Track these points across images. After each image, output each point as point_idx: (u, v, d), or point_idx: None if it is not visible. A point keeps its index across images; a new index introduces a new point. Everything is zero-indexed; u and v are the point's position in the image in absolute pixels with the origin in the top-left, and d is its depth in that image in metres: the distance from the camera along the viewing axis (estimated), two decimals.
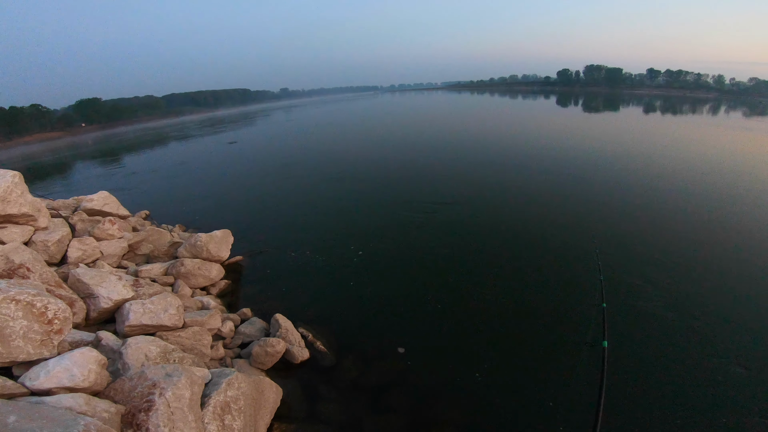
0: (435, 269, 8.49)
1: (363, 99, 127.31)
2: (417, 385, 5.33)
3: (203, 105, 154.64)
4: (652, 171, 15.83)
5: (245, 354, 5.83)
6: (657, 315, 6.40)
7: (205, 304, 6.83)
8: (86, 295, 5.18)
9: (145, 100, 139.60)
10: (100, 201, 9.29)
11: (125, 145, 44.77)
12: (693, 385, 4.98)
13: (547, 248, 9.06)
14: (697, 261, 8.17)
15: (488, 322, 6.55)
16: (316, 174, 18.07)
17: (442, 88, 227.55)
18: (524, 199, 12.70)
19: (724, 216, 10.68)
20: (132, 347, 4.02)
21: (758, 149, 21.84)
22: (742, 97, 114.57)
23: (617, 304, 6.61)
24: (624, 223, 10.29)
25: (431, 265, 8.69)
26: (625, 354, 5.51)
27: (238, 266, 9.16)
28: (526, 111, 52.35)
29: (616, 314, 6.32)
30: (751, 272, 7.66)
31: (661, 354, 5.55)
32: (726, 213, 10.95)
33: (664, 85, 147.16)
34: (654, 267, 7.91)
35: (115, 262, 7.74)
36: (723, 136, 27.66)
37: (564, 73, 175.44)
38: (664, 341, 5.80)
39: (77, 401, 2.95)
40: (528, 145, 22.78)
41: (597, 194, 12.94)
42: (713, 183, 13.96)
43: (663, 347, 5.68)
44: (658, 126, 34.53)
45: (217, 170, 21.30)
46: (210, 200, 15.02)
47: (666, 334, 5.94)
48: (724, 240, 9.18)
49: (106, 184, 20.10)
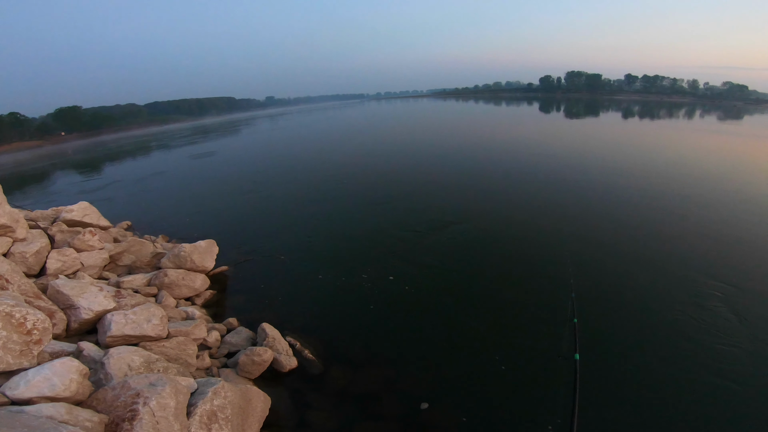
0: (421, 275, 8.56)
1: (349, 107, 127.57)
2: (406, 392, 5.33)
3: (187, 113, 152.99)
4: (630, 182, 16.10)
5: (232, 363, 5.77)
6: (627, 328, 6.44)
7: (189, 315, 6.74)
8: (66, 306, 5.08)
9: (126, 108, 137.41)
10: (79, 212, 9.12)
11: (106, 154, 43.93)
12: (665, 396, 5.05)
13: (521, 261, 9.04)
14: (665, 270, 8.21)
15: (473, 331, 6.60)
16: (301, 182, 18.04)
17: (427, 96, 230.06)
18: (506, 209, 12.71)
19: (698, 222, 10.88)
20: (114, 357, 3.95)
21: (736, 154, 22.68)
22: (716, 101, 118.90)
23: (588, 319, 6.56)
24: (596, 237, 10.16)
25: (418, 271, 8.75)
26: (595, 366, 5.50)
27: (223, 276, 9.06)
28: (509, 118, 53.23)
29: (586, 329, 6.27)
30: (725, 279, 7.73)
31: (630, 364, 5.59)
32: (699, 218, 11.19)
33: (641, 91, 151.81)
34: (625, 279, 7.93)
35: (96, 273, 7.58)
36: (701, 140, 28.66)
37: (546, 79, 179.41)
38: (634, 352, 5.84)
39: (58, 410, 2.90)
40: (505, 154, 22.96)
41: (574, 206, 12.80)
42: (689, 191, 14.36)
43: (633, 358, 5.71)
44: (635, 132, 35.50)
45: (200, 180, 21.04)
46: (194, 210, 14.80)
47: (636, 344, 6.00)
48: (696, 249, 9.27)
49: (87, 194, 19.68)
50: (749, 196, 13.19)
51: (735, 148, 24.90)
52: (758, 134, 33.88)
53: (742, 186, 14.59)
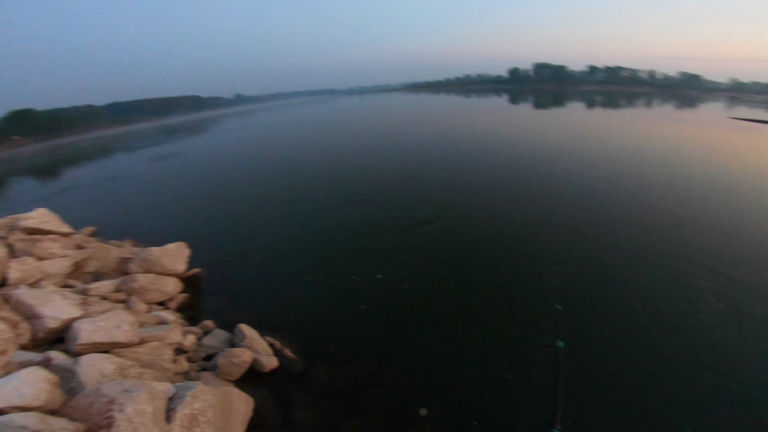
0: (400, 270, 8.64)
1: (320, 102, 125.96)
2: (389, 385, 5.40)
3: (152, 113, 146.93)
4: (604, 172, 16.83)
5: (210, 366, 5.68)
6: (609, 314, 6.63)
7: (163, 319, 6.56)
8: (30, 316, 4.86)
9: (85, 110, 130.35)
10: (38, 219, 8.68)
11: (65, 157, 41.64)
12: (644, 385, 5.14)
13: (505, 253, 9.22)
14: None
15: (453, 321, 6.75)
16: (273, 182, 17.70)
17: (399, 89, 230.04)
18: (486, 201, 12.92)
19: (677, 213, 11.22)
20: (85, 365, 3.82)
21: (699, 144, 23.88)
22: (673, 91, 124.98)
23: (572, 305, 6.85)
24: (574, 224, 10.59)
25: (397, 265, 8.84)
26: (580, 352, 5.70)
27: (196, 278, 8.85)
28: (480, 111, 53.99)
29: (570, 315, 6.56)
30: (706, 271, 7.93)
31: (612, 352, 5.74)
32: (671, 206, 11.73)
33: (603, 81, 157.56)
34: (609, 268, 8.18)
35: (60, 282, 7.25)
36: (666, 129, 30.03)
37: (514, 71, 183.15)
38: (616, 340, 6.00)
39: (30, 420, 2.83)
40: (479, 147, 23.33)
41: (552, 196, 13.30)
42: (647, 178, 15.11)
43: (615, 346, 5.86)
44: (603, 123, 36.78)
45: (167, 182, 20.27)
46: (162, 213, 14.34)
47: (618, 333, 6.15)
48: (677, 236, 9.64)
49: (45, 200, 18.64)
50: (719, 183, 13.92)
51: (696, 137, 26.25)
52: (713, 122, 35.90)
53: (710, 173, 15.42)
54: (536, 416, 4.74)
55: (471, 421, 4.75)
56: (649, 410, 4.77)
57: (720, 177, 14.62)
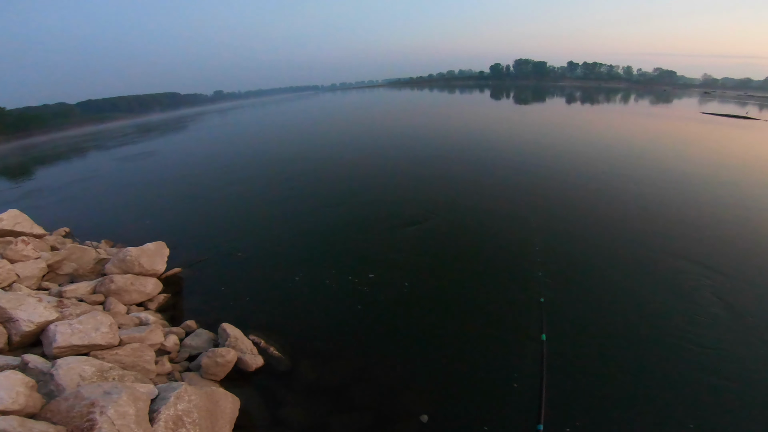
0: (387, 265, 8.65)
1: (303, 99, 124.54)
2: (377, 381, 5.41)
3: (126, 111, 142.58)
4: (587, 167, 17.24)
5: (194, 367, 5.60)
6: (593, 309, 6.72)
7: (143, 320, 6.41)
8: (5, 320, 4.70)
9: (56, 108, 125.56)
10: (9, 220, 8.39)
11: (36, 157, 39.99)
12: (628, 381, 5.19)
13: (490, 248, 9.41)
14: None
15: (439, 316, 6.81)
16: (255, 181, 17.38)
17: (383, 86, 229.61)
18: (471, 198, 13.12)
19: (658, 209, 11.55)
20: (63, 368, 3.72)
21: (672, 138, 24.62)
22: (648, 86, 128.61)
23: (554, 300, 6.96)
24: (561, 219, 10.82)
25: (382, 259, 8.86)
26: (562, 346, 5.74)
27: (177, 278, 8.67)
28: (463, 107, 54.43)
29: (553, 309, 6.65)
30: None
31: (597, 346, 5.79)
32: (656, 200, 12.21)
33: (582, 77, 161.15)
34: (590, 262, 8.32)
35: (34, 284, 7.00)
36: (643, 124, 30.83)
37: (496, 67, 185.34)
38: (599, 334, 6.06)
39: (10, 423, 2.77)
40: (464, 143, 23.68)
41: (537, 186, 13.82)
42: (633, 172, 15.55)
43: (598, 340, 5.92)
44: (583, 118, 37.63)
45: (144, 181, 19.67)
46: (139, 213, 13.89)
47: (603, 328, 6.22)
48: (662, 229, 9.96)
49: (17, 201, 17.91)
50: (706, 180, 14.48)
51: (670, 131, 27.09)
52: (687, 117, 37.15)
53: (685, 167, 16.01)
54: (525, 414, 4.74)
55: (460, 418, 4.81)
56: (639, 406, 4.84)
57: (695, 171, 15.19)
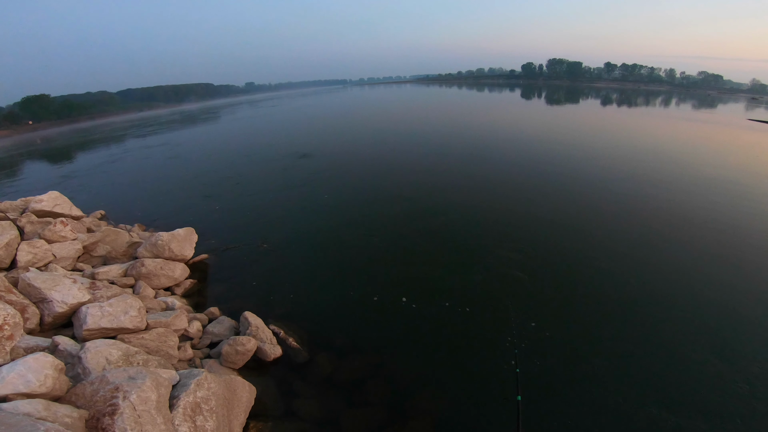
0: (405, 263, 8.60)
1: (332, 92, 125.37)
2: (392, 378, 5.37)
3: (163, 100, 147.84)
4: (604, 171, 16.54)
5: (215, 354, 5.70)
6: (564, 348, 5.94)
7: (169, 305, 6.59)
8: (39, 300, 4.89)
9: (98, 96, 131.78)
10: (50, 202, 8.76)
11: (78, 142, 42.02)
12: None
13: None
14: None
15: (463, 320, 6.71)
16: (284, 171, 17.64)
17: (410, 82, 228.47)
18: (500, 200, 12.88)
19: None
20: (91, 351, 3.83)
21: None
22: (692, 90, 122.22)
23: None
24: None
25: (402, 259, 8.77)
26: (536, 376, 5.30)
27: (203, 265, 8.88)
28: (492, 105, 53.29)
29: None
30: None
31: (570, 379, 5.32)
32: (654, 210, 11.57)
33: (620, 79, 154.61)
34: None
35: (69, 265, 7.31)
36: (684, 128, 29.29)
37: (528, 66, 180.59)
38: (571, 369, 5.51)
39: (35, 407, 2.83)
40: (494, 144, 23.16)
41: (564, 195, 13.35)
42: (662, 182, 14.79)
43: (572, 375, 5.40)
44: (616, 120, 36.12)
45: (178, 168, 20.39)
46: (171, 198, 14.40)
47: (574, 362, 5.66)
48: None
49: (58, 183, 18.86)
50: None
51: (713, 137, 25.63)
52: (732, 123, 35.02)
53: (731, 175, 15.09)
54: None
55: (473, 415, 4.70)
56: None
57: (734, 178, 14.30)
